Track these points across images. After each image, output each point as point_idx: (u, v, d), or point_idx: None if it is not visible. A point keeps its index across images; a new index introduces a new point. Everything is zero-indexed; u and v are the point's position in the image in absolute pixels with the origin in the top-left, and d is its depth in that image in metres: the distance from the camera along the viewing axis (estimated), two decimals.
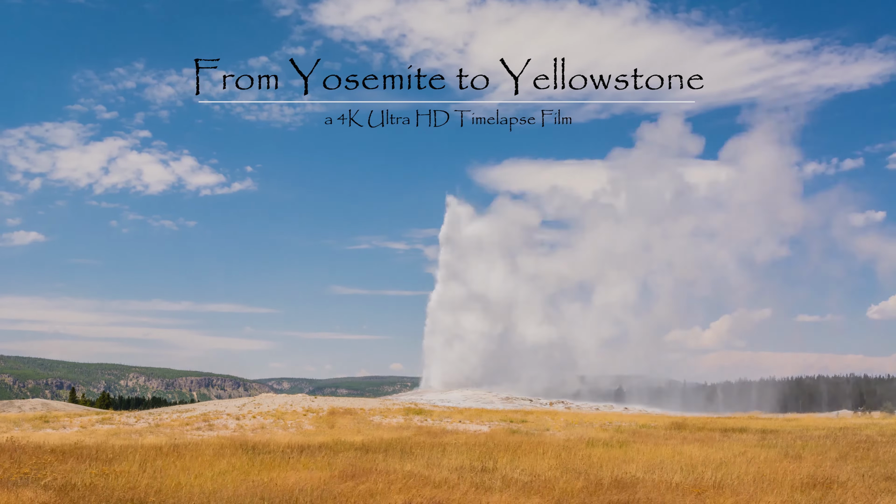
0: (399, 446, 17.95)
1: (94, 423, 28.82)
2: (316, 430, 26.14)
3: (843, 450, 18.36)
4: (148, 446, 17.28)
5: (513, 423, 30.00)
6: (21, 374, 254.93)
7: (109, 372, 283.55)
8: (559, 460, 15.23)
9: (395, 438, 21.23)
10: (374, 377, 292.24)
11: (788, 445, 19.54)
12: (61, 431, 25.71)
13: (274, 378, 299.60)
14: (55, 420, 30.52)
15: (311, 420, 29.94)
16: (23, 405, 47.09)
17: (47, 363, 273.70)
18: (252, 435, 23.71)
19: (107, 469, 12.45)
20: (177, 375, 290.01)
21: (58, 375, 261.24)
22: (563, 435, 23.97)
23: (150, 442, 19.81)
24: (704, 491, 11.29)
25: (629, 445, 18.61)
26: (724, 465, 14.69)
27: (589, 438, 21.56)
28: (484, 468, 13.91)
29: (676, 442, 20.00)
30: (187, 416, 31.05)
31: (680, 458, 15.93)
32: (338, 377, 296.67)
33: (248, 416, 31.19)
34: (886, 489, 12.18)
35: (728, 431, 26.30)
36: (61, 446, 16.44)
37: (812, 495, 11.23)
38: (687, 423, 30.66)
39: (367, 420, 30.32)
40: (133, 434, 24.00)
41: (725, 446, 18.75)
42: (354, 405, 36.71)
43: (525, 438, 21.48)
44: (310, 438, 21.80)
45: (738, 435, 24.52)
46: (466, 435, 23.05)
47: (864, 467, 14.88)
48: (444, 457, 15.66)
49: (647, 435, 23.31)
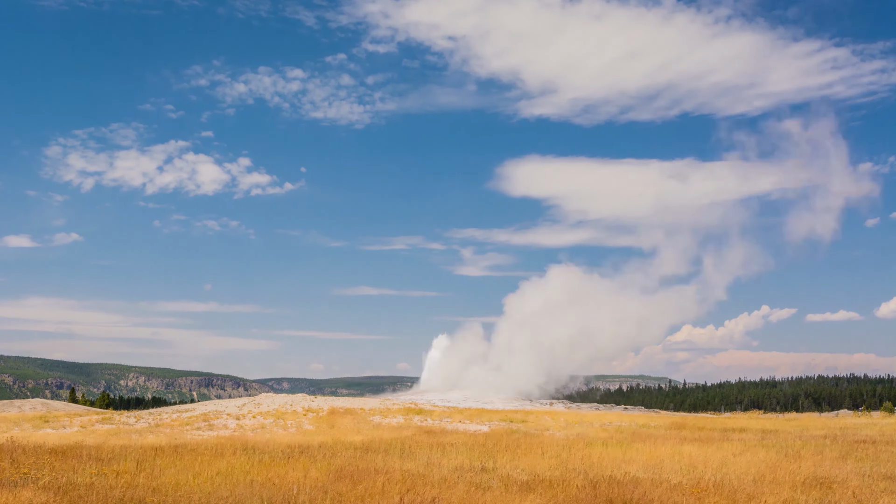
0: (399, 446, 17.94)
1: (94, 423, 28.81)
2: (316, 430, 26.13)
3: (843, 450, 18.34)
4: (148, 446, 17.27)
5: (513, 423, 29.99)
6: (21, 374, 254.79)
7: (109, 372, 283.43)
8: (559, 460, 15.22)
9: (395, 438, 21.21)
10: (374, 377, 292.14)
11: (788, 445, 19.52)
12: (61, 431, 25.70)
13: (274, 378, 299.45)
14: (55, 420, 30.52)
15: (311, 420, 29.93)
16: (23, 405, 47.05)
17: (47, 363, 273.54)
18: (252, 435, 23.70)
19: (106, 469, 12.44)
20: (177, 375, 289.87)
21: (58, 375, 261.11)
22: (562, 435, 23.96)
23: (150, 442, 19.80)
24: (704, 491, 11.27)
25: (629, 445, 18.59)
26: (724, 465, 14.68)
27: (589, 438, 21.55)
28: (484, 468, 13.90)
29: (676, 442, 19.98)
30: (187, 416, 31.03)
31: (680, 457, 15.92)
32: (338, 377, 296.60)
33: (248, 416, 31.18)
34: (886, 489, 12.16)
35: (728, 431, 26.28)
36: (61, 446, 16.43)
37: (812, 495, 11.21)
38: (687, 423, 30.65)
39: (367, 420, 30.30)
40: (133, 434, 23.99)
41: (725, 446, 18.73)
42: (354, 405, 36.69)
43: (525, 438, 21.47)
44: (310, 438, 21.79)
45: (737, 435, 24.51)
46: (466, 435, 23.04)
47: (864, 467, 14.87)
48: (444, 456, 15.65)
49: (647, 435, 23.29)
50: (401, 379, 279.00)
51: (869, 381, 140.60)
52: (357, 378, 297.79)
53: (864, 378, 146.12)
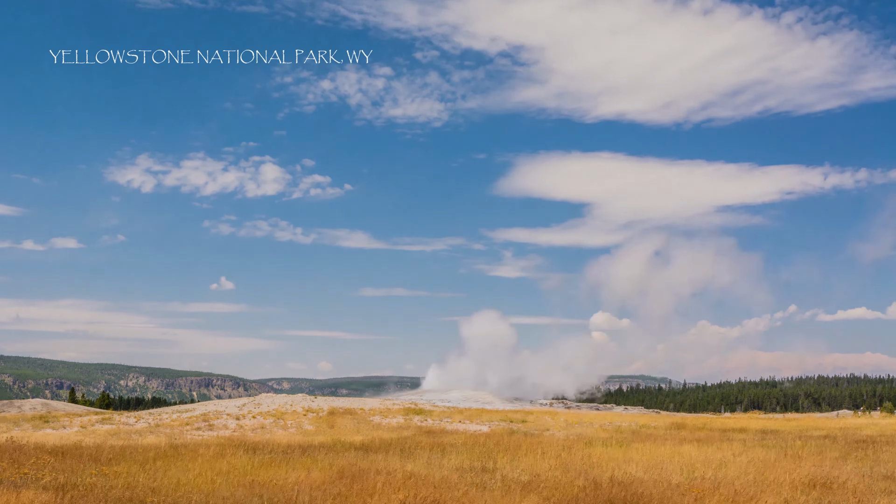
0: (399, 446, 17.94)
1: (93, 423, 28.80)
2: (316, 430, 26.13)
3: (843, 450, 18.34)
4: (147, 446, 17.26)
5: (513, 423, 29.99)
6: (21, 374, 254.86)
7: (109, 372, 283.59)
8: (559, 460, 15.21)
9: (395, 438, 21.21)
10: (374, 377, 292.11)
11: (788, 445, 19.51)
12: (61, 431, 25.69)
13: (274, 378, 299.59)
14: (55, 420, 30.51)
15: (311, 420, 29.93)
16: (23, 405, 47.04)
17: (47, 363, 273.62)
18: (252, 435, 23.70)
19: (106, 469, 12.43)
20: (177, 375, 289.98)
21: (58, 375, 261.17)
22: (562, 435, 23.95)
23: (150, 442, 19.80)
24: (704, 491, 11.26)
25: (629, 445, 18.59)
26: (724, 465, 14.67)
27: (589, 438, 21.55)
28: (484, 468, 13.90)
29: (676, 442, 19.98)
30: (187, 416, 31.03)
31: (679, 458, 15.91)
32: (338, 377, 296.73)
33: (248, 416, 31.17)
34: (886, 489, 12.16)
35: (728, 431, 26.29)
36: (61, 446, 16.42)
37: (812, 495, 11.21)
38: (686, 423, 30.65)
39: (367, 420, 30.30)
40: (133, 434, 23.99)
41: (725, 446, 18.73)
42: (354, 405, 36.69)
43: (525, 438, 21.46)
44: (310, 438, 21.79)
45: (737, 435, 24.51)
46: (466, 435, 23.03)
47: (864, 467, 14.86)
48: (444, 457, 15.64)
49: (647, 435, 23.29)
50: (401, 379, 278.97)
51: (869, 381, 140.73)
52: (357, 378, 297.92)
53: (864, 378, 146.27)
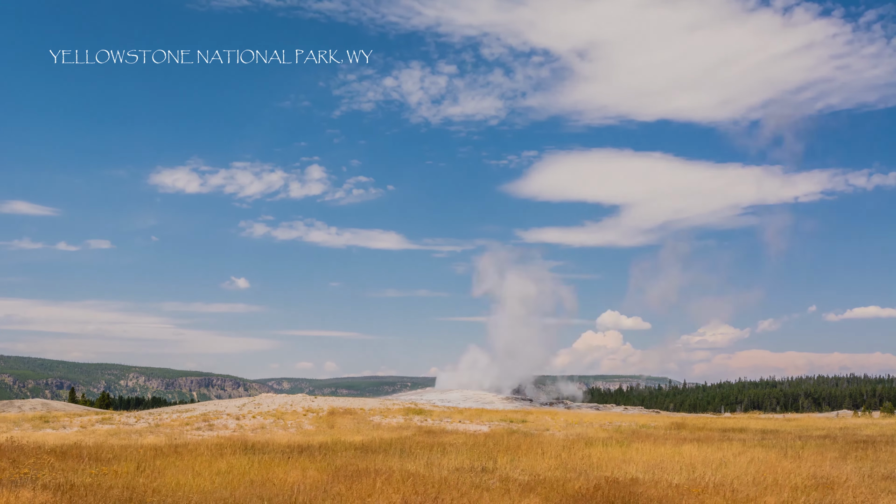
0: (399, 446, 17.93)
1: (93, 423, 28.80)
2: (316, 430, 26.12)
3: (843, 450, 18.34)
4: (147, 446, 17.26)
5: (513, 423, 29.98)
6: (21, 374, 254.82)
7: (109, 372, 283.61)
8: (559, 460, 15.21)
9: (395, 438, 21.21)
10: (374, 377, 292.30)
11: (788, 445, 19.51)
12: (61, 431, 25.69)
13: (274, 378, 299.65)
14: (55, 420, 30.51)
15: (310, 420, 29.92)
16: (23, 405, 47.06)
17: (47, 363, 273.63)
18: (252, 435, 23.69)
19: (105, 469, 12.43)
20: (177, 375, 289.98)
21: (58, 375, 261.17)
22: (562, 435, 23.95)
23: (150, 442, 19.80)
24: (704, 491, 11.26)
25: (629, 445, 18.59)
26: (724, 465, 14.67)
27: (589, 438, 21.54)
28: (484, 468, 13.90)
29: (676, 442, 19.98)
30: (187, 416, 31.03)
31: (679, 458, 15.91)
32: (338, 377, 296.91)
33: (248, 416, 31.17)
34: (886, 489, 12.16)
35: (727, 431, 26.28)
36: (61, 446, 16.42)
37: (812, 496, 11.20)
38: (686, 423, 30.65)
39: (367, 420, 30.29)
40: (133, 434, 23.98)
41: (725, 446, 18.72)
42: (354, 405, 36.69)
43: (525, 438, 21.46)
44: (310, 438, 21.78)
45: (737, 435, 24.51)
46: (466, 435, 23.03)
47: (864, 467, 14.86)
48: (444, 457, 15.64)
49: (647, 435, 23.28)
50: (401, 379, 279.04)
51: (869, 381, 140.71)
52: (357, 378, 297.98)
53: (864, 378, 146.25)
